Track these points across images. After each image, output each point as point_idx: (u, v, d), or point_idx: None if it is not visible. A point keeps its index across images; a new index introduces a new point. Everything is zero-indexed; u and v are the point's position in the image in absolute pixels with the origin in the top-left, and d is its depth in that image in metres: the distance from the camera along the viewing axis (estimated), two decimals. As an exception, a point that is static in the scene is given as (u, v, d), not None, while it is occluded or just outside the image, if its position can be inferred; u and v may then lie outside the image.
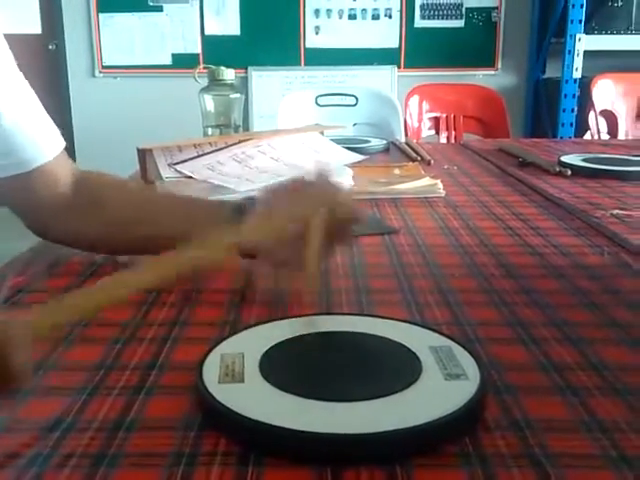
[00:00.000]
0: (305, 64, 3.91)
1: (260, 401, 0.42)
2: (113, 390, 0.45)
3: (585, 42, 3.25)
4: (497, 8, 3.86)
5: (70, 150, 0.74)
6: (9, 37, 0.73)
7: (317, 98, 2.16)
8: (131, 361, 0.50)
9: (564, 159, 1.28)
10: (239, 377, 0.44)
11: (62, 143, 0.74)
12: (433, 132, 2.46)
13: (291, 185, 0.62)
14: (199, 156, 1.09)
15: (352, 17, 3.88)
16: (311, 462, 0.37)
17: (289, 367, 0.47)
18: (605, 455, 0.38)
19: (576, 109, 3.31)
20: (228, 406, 0.40)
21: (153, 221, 0.70)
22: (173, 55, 3.92)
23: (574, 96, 3.33)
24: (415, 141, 1.71)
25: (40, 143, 0.70)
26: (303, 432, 0.38)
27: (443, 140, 2.41)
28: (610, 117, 2.32)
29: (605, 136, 2.32)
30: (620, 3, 3.38)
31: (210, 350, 0.48)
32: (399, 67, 3.89)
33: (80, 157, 3.89)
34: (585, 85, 2.91)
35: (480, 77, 3.83)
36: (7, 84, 0.68)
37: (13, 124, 0.68)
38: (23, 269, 0.72)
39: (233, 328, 0.55)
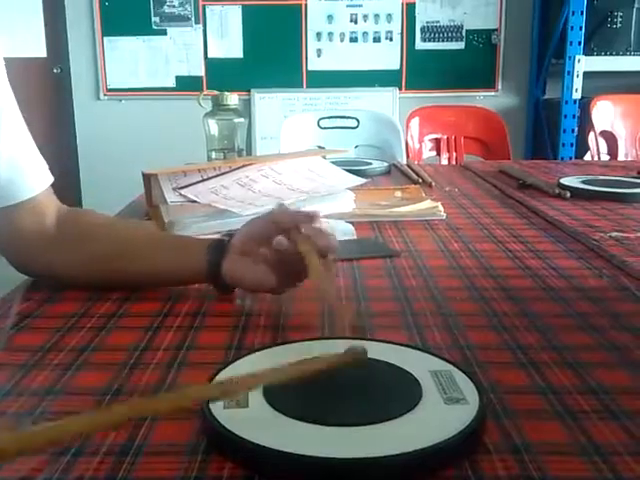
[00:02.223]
0: (307, 86, 3.95)
1: (264, 426, 0.43)
2: (120, 415, 0.46)
3: (584, 63, 3.29)
4: (497, 30, 3.90)
5: (74, 173, 0.75)
6: (14, 61, 0.74)
7: (319, 121, 2.19)
8: (137, 386, 0.51)
9: (564, 181, 1.30)
10: (244, 402, 0.45)
11: (50, 178, 0.75)
12: (434, 153, 2.48)
13: (265, 219, 0.65)
14: (203, 180, 1.10)
15: (353, 40, 3.92)
16: (314, 486, 0.38)
17: (292, 392, 0.48)
18: (602, 478, 0.39)
19: (576, 130, 3.34)
20: (233, 431, 0.41)
21: (135, 257, 0.72)
22: (177, 78, 3.97)
23: (574, 117, 3.35)
24: (416, 162, 1.73)
25: (29, 177, 0.72)
26: (306, 456, 0.39)
27: (444, 161, 2.43)
28: (610, 138, 2.34)
29: (605, 157, 2.33)
30: (619, 24, 3.42)
31: (215, 375, 0.49)
32: (400, 89, 3.93)
33: (85, 180, 3.92)
34: (585, 106, 2.93)
35: (481, 98, 3.86)
36: (4, 119, 0.69)
37: (6, 156, 0.69)
38: (29, 295, 0.73)
39: (237, 353, 0.56)
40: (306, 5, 3.85)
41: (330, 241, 0.62)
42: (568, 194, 1.22)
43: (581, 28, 3.28)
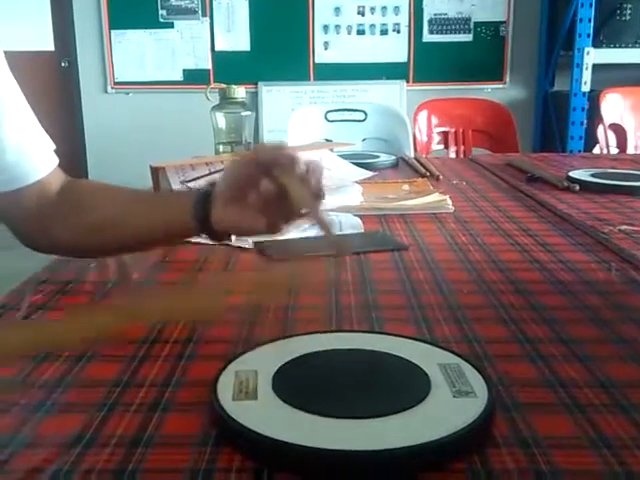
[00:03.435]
0: (314, 79, 3.94)
1: (273, 418, 0.43)
2: (130, 407, 0.46)
3: (593, 55, 3.27)
4: (505, 22, 3.88)
5: (82, 165, 0.76)
6: (22, 54, 0.75)
7: (326, 114, 2.18)
8: (147, 378, 0.51)
9: (572, 174, 1.29)
10: (253, 394, 0.45)
11: (56, 160, 0.75)
12: (442, 147, 2.47)
13: (246, 161, 0.63)
14: (211, 173, 1.10)
15: (361, 32, 3.91)
16: (322, 478, 0.38)
17: (301, 384, 0.48)
18: (611, 472, 0.39)
19: (585, 122, 3.32)
20: (242, 423, 0.41)
21: (128, 223, 0.71)
22: (184, 71, 3.97)
23: (583, 109, 3.34)
24: (424, 156, 1.72)
25: (36, 161, 0.72)
26: (314, 449, 0.39)
27: (452, 154, 2.42)
28: (619, 131, 2.33)
29: (614, 150, 2.32)
30: (628, 17, 3.39)
31: (224, 367, 0.49)
32: (408, 82, 3.92)
33: (92, 172, 3.93)
34: (594, 98, 2.92)
35: (489, 91, 3.85)
36: (10, 104, 0.70)
37: (12, 141, 0.69)
38: (40, 287, 0.73)
39: (246, 345, 0.56)
40: (313, -3, 3.85)
41: (314, 172, 0.60)
42: (577, 187, 1.22)
43: (590, 20, 3.26)
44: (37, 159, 0.72)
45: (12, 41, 3.67)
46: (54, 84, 4.09)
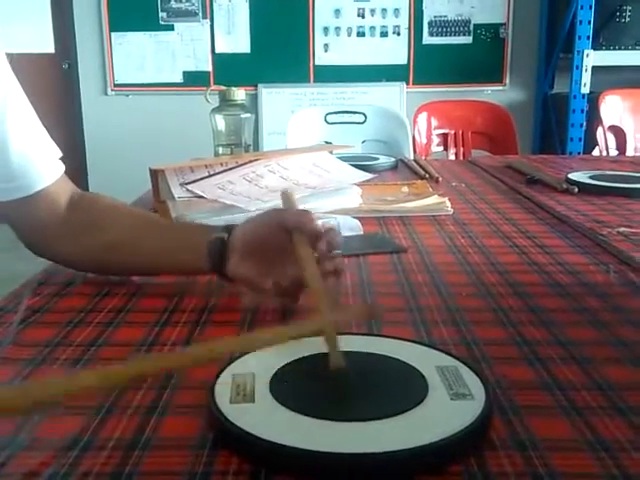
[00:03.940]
0: (314, 81, 3.94)
1: (270, 421, 0.43)
2: (128, 409, 0.46)
3: (593, 57, 3.27)
4: (505, 24, 3.89)
5: (82, 168, 0.76)
6: (23, 56, 0.75)
7: (326, 116, 2.18)
8: (145, 381, 0.51)
9: (571, 176, 1.29)
10: (250, 397, 0.45)
11: (62, 167, 0.76)
12: (441, 149, 2.48)
13: (266, 218, 0.65)
14: (210, 176, 1.10)
15: (361, 34, 3.92)
16: (320, 481, 0.39)
17: (298, 387, 0.48)
18: (608, 474, 0.39)
19: (585, 124, 3.32)
20: (239, 426, 0.41)
21: (138, 248, 0.72)
22: (184, 73, 3.97)
23: (582, 111, 3.34)
24: (423, 158, 1.72)
25: (42, 168, 0.72)
26: (312, 451, 0.39)
27: (451, 156, 2.42)
28: (618, 133, 2.33)
29: (613, 152, 2.32)
30: (628, 19, 3.40)
31: (222, 370, 0.49)
32: (408, 84, 3.92)
33: (92, 175, 3.93)
34: (593, 101, 2.92)
35: (488, 93, 3.85)
36: (12, 106, 0.70)
37: (20, 150, 0.70)
38: (38, 289, 0.73)
39: (244, 348, 0.56)
40: (313, 0, 3.85)
41: (334, 240, 0.61)
42: (576, 189, 1.22)
43: (590, 22, 3.27)
44: (43, 166, 0.73)
45: (12, 43, 3.68)
46: (54, 86, 4.09)
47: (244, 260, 0.64)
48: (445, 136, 2.47)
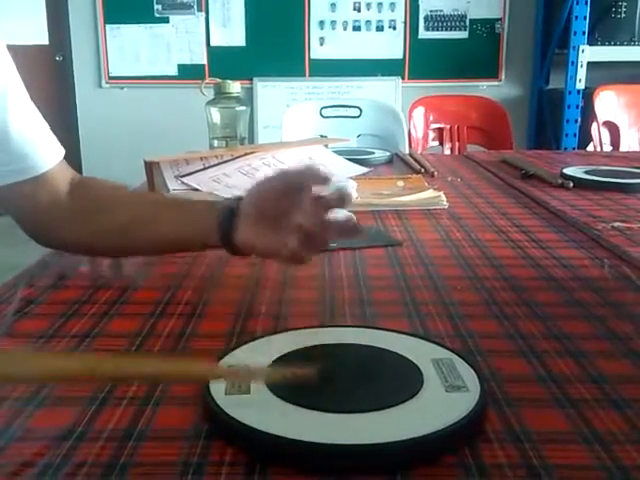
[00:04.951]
0: (310, 75, 3.94)
1: (265, 412, 0.43)
2: (123, 400, 0.46)
3: (588, 53, 3.27)
4: (501, 19, 3.89)
5: (76, 160, 0.76)
6: (17, 48, 0.74)
7: (321, 110, 2.18)
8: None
9: (566, 171, 1.30)
10: (245, 388, 0.45)
11: (62, 151, 0.75)
12: (437, 143, 2.47)
13: (275, 180, 0.64)
14: (205, 168, 1.10)
15: (356, 28, 3.91)
16: (315, 472, 0.38)
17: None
18: (602, 467, 0.39)
19: (579, 120, 3.33)
20: (234, 417, 0.41)
21: (145, 227, 0.71)
22: (179, 66, 3.96)
23: (577, 107, 3.35)
24: (419, 152, 1.72)
25: (41, 151, 0.72)
26: (307, 442, 0.39)
27: (447, 151, 2.42)
28: (613, 128, 2.33)
29: (608, 147, 2.32)
30: (623, 15, 3.40)
31: (217, 362, 0.49)
32: (403, 78, 3.92)
33: (86, 167, 3.92)
34: (588, 96, 2.92)
35: (484, 88, 3.85)
36: (12, 95, 0.70)
37: (18, 133, 0.69)
38: (33, 280, 0.73)
39: (239, 340, 0.56)
40: (309, -7, 3.84)
41: (345, 196, 0.61)
42: (571, 184, 1.22)
43: (585, 18, 3.27)
44: (43, 149, 0.72)
45: (6, 35, 3.65)
46: (48, 78, 4.07)
47: (254, 227, 0.63)
48: (440, 131, 2.47)
